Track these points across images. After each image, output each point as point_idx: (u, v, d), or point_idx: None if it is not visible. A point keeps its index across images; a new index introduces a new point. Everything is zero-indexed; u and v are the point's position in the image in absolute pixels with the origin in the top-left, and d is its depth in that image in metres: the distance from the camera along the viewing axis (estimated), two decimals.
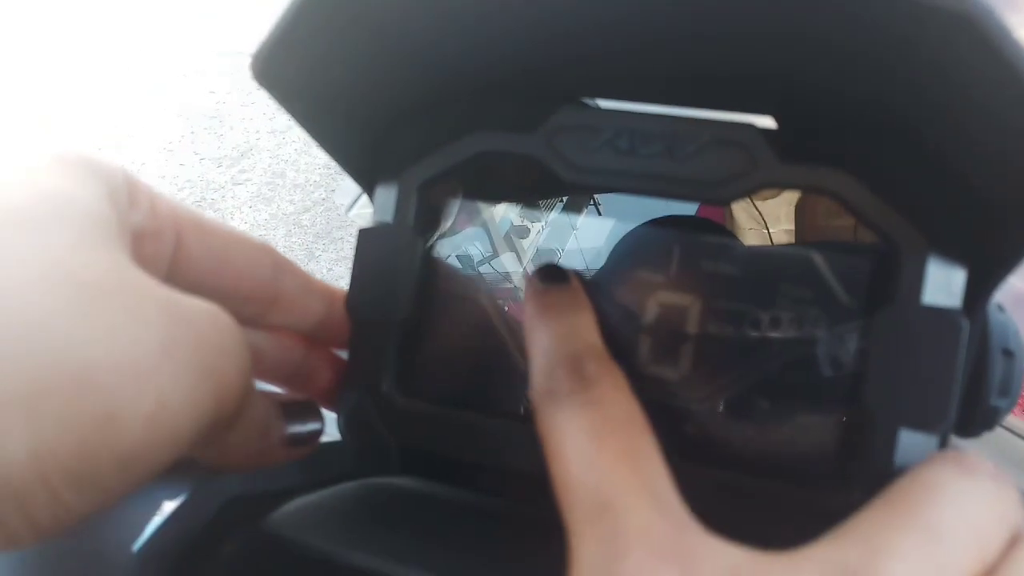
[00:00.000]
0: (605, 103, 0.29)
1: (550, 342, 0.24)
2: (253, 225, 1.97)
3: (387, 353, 0.29)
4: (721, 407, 0.28)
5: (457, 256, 0.32)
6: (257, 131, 2.26)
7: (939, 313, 0.24)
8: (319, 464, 0.30)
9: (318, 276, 0.29)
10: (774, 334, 0.27)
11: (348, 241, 1.91)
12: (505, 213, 0.63)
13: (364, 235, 0.29)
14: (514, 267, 0.32)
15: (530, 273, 0.28)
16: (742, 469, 0.26)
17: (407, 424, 0.29)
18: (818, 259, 0.27)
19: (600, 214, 0.32)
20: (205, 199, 2.07)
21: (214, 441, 0.21)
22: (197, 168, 2.17)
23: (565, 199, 0.33)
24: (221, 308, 0.20)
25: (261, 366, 0.27)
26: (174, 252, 0.23)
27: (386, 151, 0.29)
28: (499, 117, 0.28)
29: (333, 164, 0.31)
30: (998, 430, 0.30)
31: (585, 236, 0.38)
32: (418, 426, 0.29)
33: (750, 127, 0.26)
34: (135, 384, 0.17)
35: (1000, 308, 0.29)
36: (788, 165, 0.26)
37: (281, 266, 0.26)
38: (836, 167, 0.25)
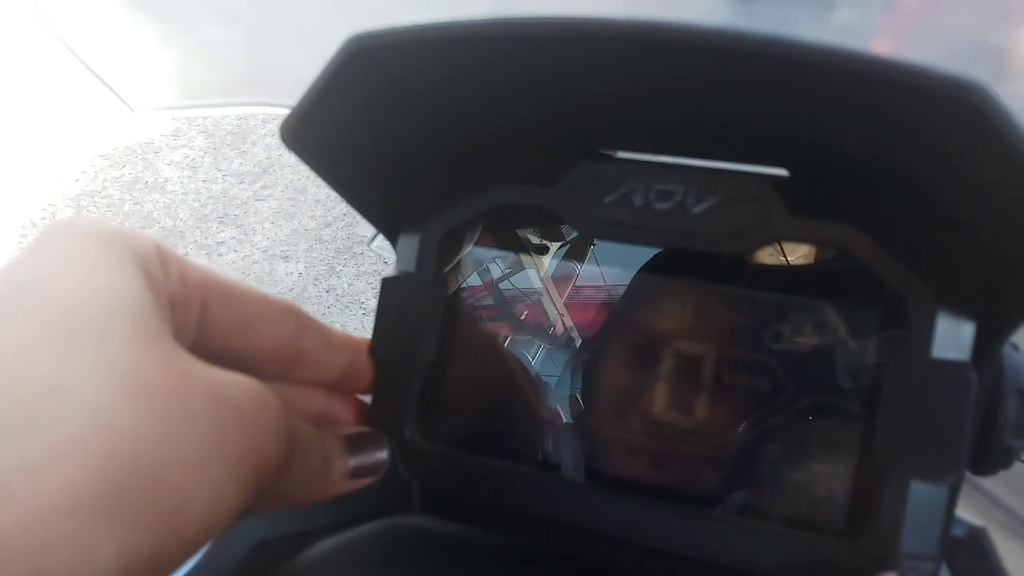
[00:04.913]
0: (623, 153, 0.29)
1: None
2: (275, 240, 1.99)
3: (409, 399, 0.29)
4: (736, 454, 0.28)
5: (478, 272, 0.33)
6: (279, 147, 2.29)
7: (948, 366, 0.24)
8: (344, 504, 0.30)
9: (339, 291, 0.30)
10: (787, 383, 0.28)
11: (369, 256, 1.92)
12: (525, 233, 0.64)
13: (387, 284, 0.30)
14: (535, 283, 0.33)
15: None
16: (756, 516, 0.27)
17: (428, 468, 0.29)
18: (829, 310, 0.27)
19: (598, 263, 0.32)
20: (228, 215, 2.09)
21: (264, 497, 0.22)
22: (220, 184, 2.20)
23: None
24: (259, 384, 0.21)
25: None
26: (201, 318, 0.24)
27: (409, 203, 0.30)
28: (519, 170, 0.29)
29: None
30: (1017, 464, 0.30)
31: (603, 254, 0.39)
32: (439, 470, 0.29)
33: (764, 182, 0.27)
34: (195, 477, 0.18)
35: (1015, 348, 0.29)
36: (799, 219, 0.26)
37: (303, 326, 0.27)
38: (846, 221, 0.26)
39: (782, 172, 0.27)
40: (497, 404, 0.32)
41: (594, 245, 0.32)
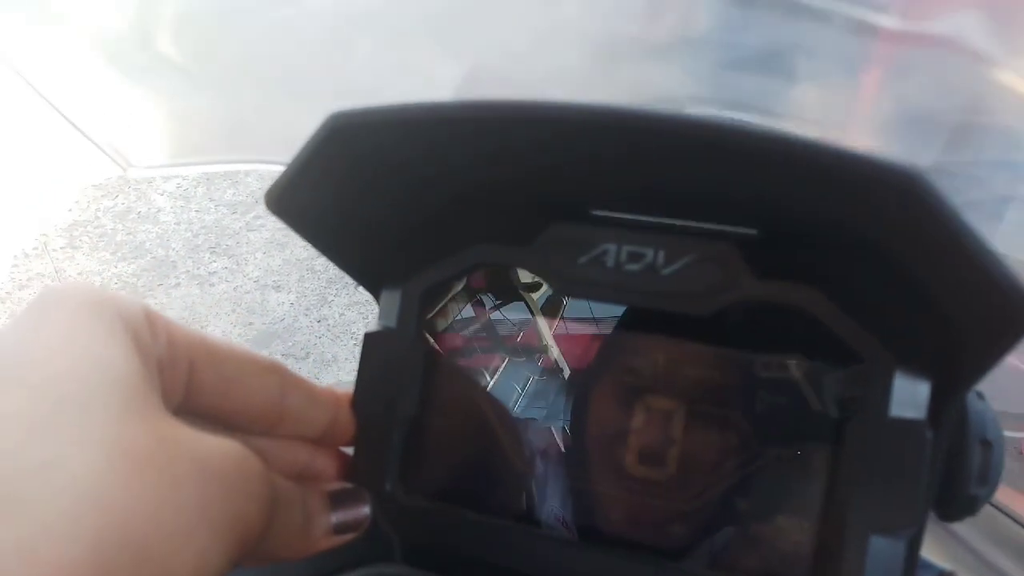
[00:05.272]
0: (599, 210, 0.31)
1: None
2: (267, 270, 1.99)
3: (390, 453, 0.30)
4: (705, 508, 0.29)
5: (472, 304, 0.34)
6: (273, 176, 2.29)
7: (905, 425, 0.25)
8: (326, 557, 0.31)
9: (331, 321, 0.31)
10: (753, 438, 0.29)
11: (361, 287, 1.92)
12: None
13: (370, 339, 0.31)
14: (526, 315, 0.34)
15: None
16: (725, 570, 0.28)
17: (408, 521, 0.30)
18: (793, 369, 0.28)
19: (563, 318, 0.34)
20: (220, 244, 2.09)
21: (248, 555, 0.22)
22: (213, 214, 2.21)
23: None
24: (243, 449, 0.22)
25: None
26: (188, 379, 0.24)
27: (390, 262, 0.31)
28: (496, 230, 0.30)
29: None
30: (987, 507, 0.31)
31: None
32: (419, 523, 0.30)
33: (730, 245, 0.28)
34: (182, 547, 0.19)
35: (979, 396, 0.29)
36: (763, 281, 0.27)
37: (287, 384, 0.27)
38: (808, 283, 0.27)
39: (751, 231, 0.28)
40: (478, 457, 0.33)
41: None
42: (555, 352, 0.33)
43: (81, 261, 2.07)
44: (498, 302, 0.34)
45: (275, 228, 2.15)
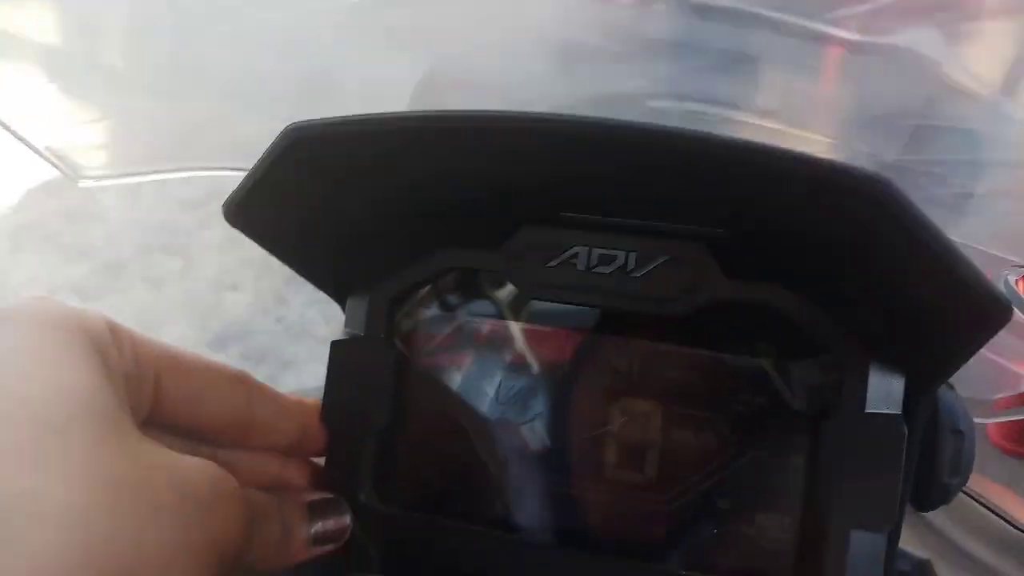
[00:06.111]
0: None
1: None
2: (222, 270, 1.95)
3: (364, 462, 0.30)
4: (684, 509, 0.29)
5: (438, 304, 0.33)
6: (227, 178, 2.25)
7: (881, 419, 0.26)
8: (301, 567, 0.30)
9: (289, 321, 0.30)
10: (730, 439, 0.29)
11: None
12: None
13: (337, 347, 0.30)
14: (492, 310, 0.34)
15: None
16: (704, 570, 0.28)
17: (386, 532, 0.29)
18: (768, 369, 0.29)
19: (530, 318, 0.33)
20: (172, 244, 2.05)
21: (227, 573, 0.22)
22: (164, 212, 2.16)
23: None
24: (218, 469, 0.22)
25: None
26: (154, 392, 0.24)
27: (356, 269, 0.31)
28: (464, 234, 0.30)
29: None
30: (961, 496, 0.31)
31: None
32: (396, 532, 0.30)
33: (700, 246, 0.28)
34: (166, 571, 0.18)
35: (950, 387, 0.30)
36: (734, 281, 0.27)
37: (254, 394, 0.27)
38: (781, 283, 0.27)
39: (719, 232, 0.28)
40: (453, 463, 0.32)
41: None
42: (524, 349, 0.32)
43: (27, 264, 2.01)
44: (463, 300, 0.34)
45: (229, 226, 2.11)
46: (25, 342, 0.20)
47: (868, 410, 0.26)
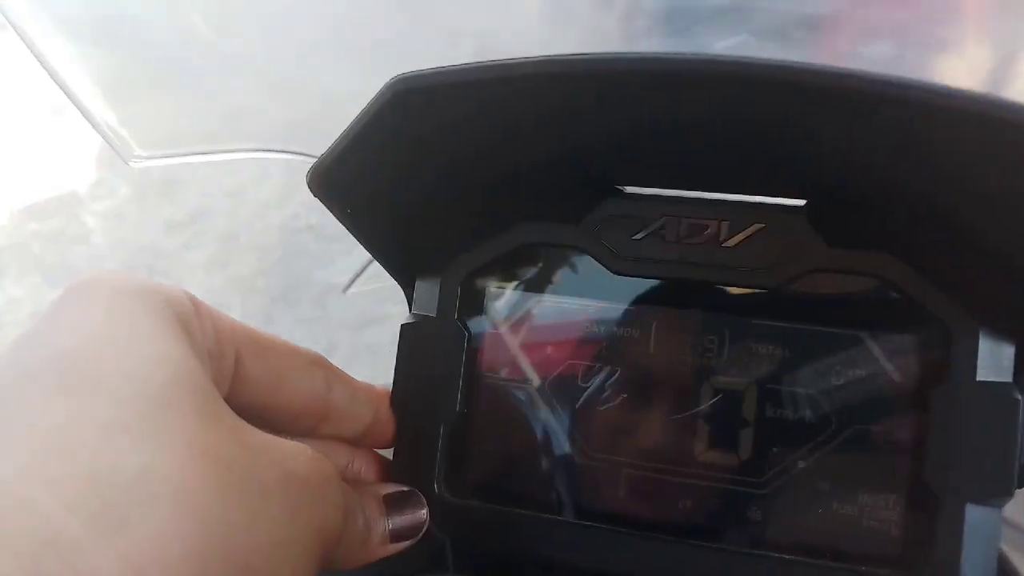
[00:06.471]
0: (644, 190, 0.29)
1: None
2: (207, 291, 1.94)
3: (436, 452, 0.28)
4: (781, 490, 0.28)
5: (514, 280, 0.32)
6: (209, 193, 2.24)
7: (994, 388, 0.24)
8: (376, 567, 0.29)
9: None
10: (830, 415, 0.27)
11: (306, 304, 1.88)
12: None
13: (407, 330, 0.29)
14: (570, 288, 0.33)
15: None
16: (806, 553, 0.27)
17: (458, 523, 0.28)
18: (869, 340, 0.27)
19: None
20: (156, 266, 2.03)
21: (327, 565, 0.22)
22: (148, 233, 2.14)
23: None
24: (317, 452, 0.21)
25: None
26: (234, 372, 0.23)
27: (428, 247, 0.30)
28: (543, 209, 0.28)
29: (290, 225, 0.30)
30: None
31: (595, 287, 0.38)
32: (470, 526, 0.28)
33: (798, 213, 0.26)
34: (277, 559, 0.18)
35: None
36: (835, 250, 0.26)
37: (332, 378, 0.26)
38: (883, 250, 0.26)
39: (800, 202, 0.27)
40: (526, 452, 0.31)
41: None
42: (604, 328, 0.31)
43: (9, 288, 1.98)
44: (539, 279, 0.32)
45: (215, 247, 2.10)
46: (105, 309, 0.19)
47: (979, 379, 0.24)
